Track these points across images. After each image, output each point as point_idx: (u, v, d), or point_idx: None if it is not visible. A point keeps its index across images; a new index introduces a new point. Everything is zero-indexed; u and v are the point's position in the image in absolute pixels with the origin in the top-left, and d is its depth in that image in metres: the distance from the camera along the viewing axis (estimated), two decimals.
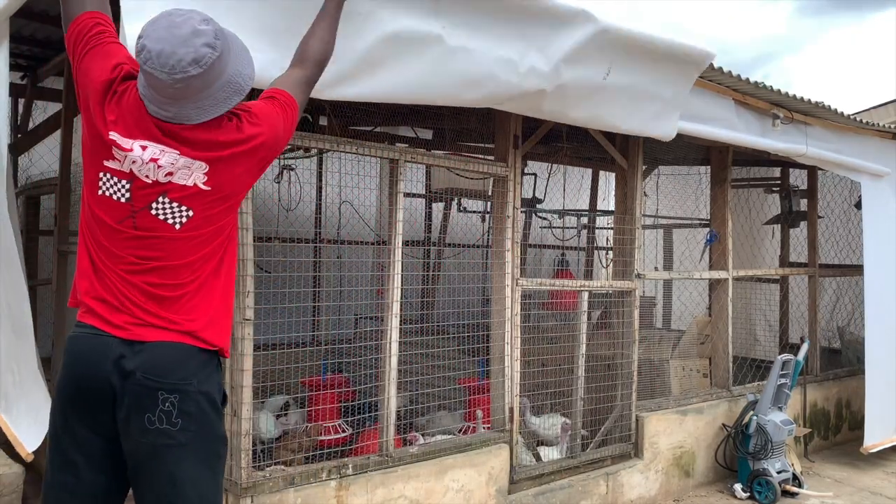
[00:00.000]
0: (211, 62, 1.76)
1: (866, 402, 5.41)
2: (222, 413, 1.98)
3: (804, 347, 5.15)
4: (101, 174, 1.85)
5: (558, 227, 6.69)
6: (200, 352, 1.90)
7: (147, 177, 1.83)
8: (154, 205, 1.84)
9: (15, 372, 3.62)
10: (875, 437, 5.48)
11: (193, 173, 1.85)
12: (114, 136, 1.82)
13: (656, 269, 7.10)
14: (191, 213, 1.86)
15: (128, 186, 1.83)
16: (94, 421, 1.85)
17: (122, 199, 1.84)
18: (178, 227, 1.86)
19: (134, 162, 1.82)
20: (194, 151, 1.85)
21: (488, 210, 6.03)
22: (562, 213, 6.55)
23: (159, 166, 1.82)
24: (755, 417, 4.82)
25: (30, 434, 3.47)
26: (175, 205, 1.85)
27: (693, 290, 6.70)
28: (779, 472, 4.74)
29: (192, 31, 1.75)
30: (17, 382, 3.63)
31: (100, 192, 1.85)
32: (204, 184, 1.85)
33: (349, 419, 3.89)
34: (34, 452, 3.43)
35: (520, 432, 4.01)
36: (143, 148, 1.82)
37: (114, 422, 1.84)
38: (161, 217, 1.85)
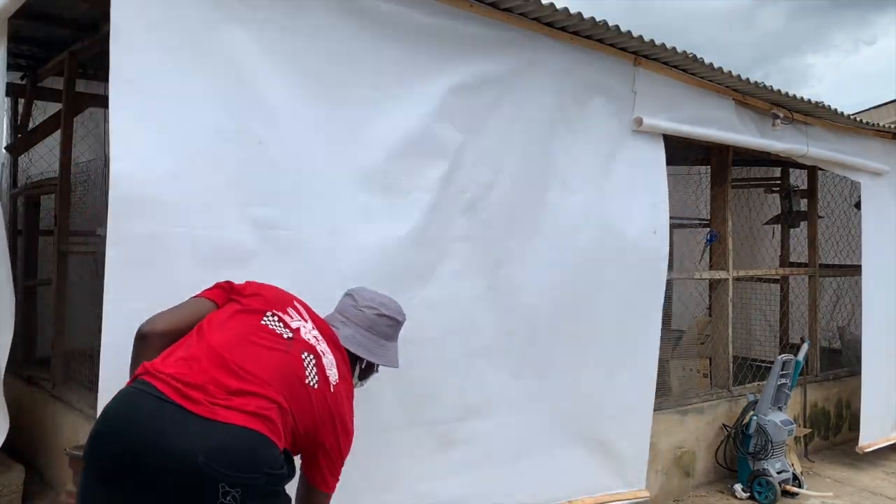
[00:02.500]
0: (396, 320, 2.30)
1: (862, 402, 5.42)
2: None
3: (804, 347, 5.15)
4: (268, 314, 2.00)
5: None
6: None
7: (307, 339, 2.02)
8: (304, 355, 1.97)
9: None
10: (871, 437, 5.49)
11: (332, 371, 2.03)
12: (297, 305, 2.14)
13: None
14: (317, 387, 1.95)
15: (291, 334, 1.99)
16: None
17: (284, 336, 1.97)
18: (308, 381, 1.93)
19: (300, 329, 2.03)
20: (338, 363, 2.07)
21: None
22: None
23: (319, 342, 2.06)
24: (755, 417, 4.81)
25: None
26: (315, 371, 1.97)
27: (693, 290, 6.70)
28: (779, 472, 4.74)
29: (398, 304, 2.36)
30: None
31: (262, 321, 1.97)
32: (333, 387, 2.01)
33: None
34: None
35: None
36: (311, 329, 2.08)
37: None
38: (304, 364, 1.95)
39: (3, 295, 3.18)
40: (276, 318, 1.98)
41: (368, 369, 2.29)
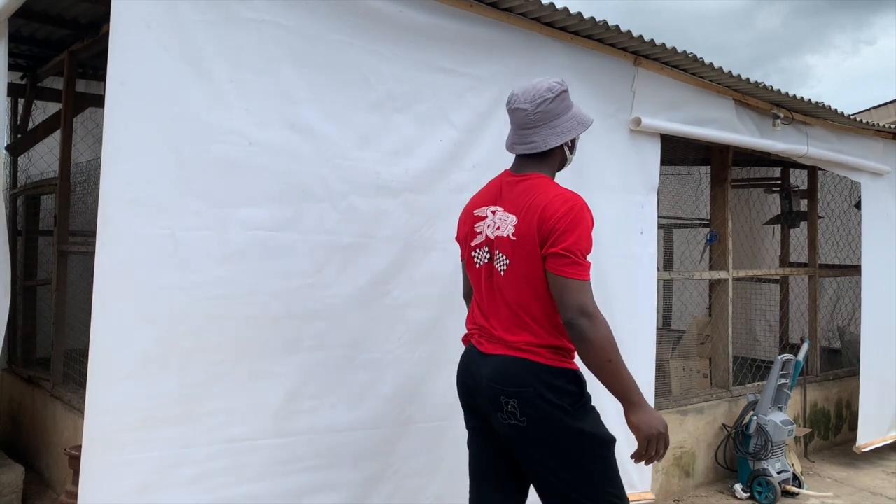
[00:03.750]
0: (560, 90, 2.33)
1: (860, 401, 5.43)
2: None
3: (804, 347, 5.15)
4: (473, 254, 2.40)
5: None
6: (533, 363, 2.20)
7: (493, 237, 2.32)
8: (497, 260, 2.30)
9: None
10: (869, 437, 5.49)
11: (507, 222, 2.28)
12: (477, 212, 2.41)
13: (657, 269, 7.11)
14: (508, 261, 2.25)
15: (487, 254, 2.34)
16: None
17: (484, 263, 2.35)
18: (503, 270, 2.27)
19: (489, 226, 2.34)
20: (511, 207, 2.28)
21: None
22: None
23: (494, 223, 2.32)
24: (755, 417, 4.82)
25: None
26: (501, 256, 2.28)
27: (693, 290, 6.70)
28: (779, 473, 4.74)
29: (543, 79, 2.36)
30: None
31: (476, 266, 2.39)
32: (513, 234, 2.24)
33: None
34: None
35: None
36: (494, 213, 2.34)
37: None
38: (497, 267, 2.29)
39: None
40: (478, 252, 2.37)
41: (573, 145, 2.45)
